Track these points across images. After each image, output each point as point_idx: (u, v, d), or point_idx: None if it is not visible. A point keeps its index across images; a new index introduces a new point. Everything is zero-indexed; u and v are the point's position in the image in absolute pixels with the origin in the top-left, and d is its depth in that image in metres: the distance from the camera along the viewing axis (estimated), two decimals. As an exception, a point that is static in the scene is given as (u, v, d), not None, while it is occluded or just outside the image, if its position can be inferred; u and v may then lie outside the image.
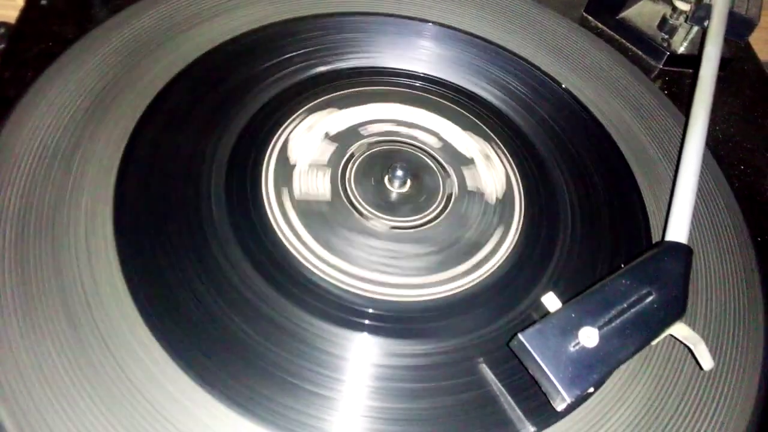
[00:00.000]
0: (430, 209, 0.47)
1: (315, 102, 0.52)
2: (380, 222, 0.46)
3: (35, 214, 0.40)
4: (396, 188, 0.48)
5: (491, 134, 0.53)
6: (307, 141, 0.49)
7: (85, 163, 0.43)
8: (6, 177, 0.41)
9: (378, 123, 0.52)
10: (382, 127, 0.52)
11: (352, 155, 0.49)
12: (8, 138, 0.43)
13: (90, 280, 0.38)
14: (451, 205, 0.48)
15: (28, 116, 0.44)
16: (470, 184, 0.49)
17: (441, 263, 0.44)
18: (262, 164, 0.47)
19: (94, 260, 0.39)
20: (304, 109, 0.51)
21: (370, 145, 0.50)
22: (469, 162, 0.51)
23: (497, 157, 0.51)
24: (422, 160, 0.50)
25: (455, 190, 0.49)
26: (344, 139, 0.50)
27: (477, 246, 0.46)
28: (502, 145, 0.53)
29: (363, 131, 0.51)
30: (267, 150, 0.48)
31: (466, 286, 0.44)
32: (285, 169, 0.47)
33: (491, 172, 0.50)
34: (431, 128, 0.53)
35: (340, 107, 0.52)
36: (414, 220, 0.46)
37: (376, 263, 0.43)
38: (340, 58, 0.56)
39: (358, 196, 0.47)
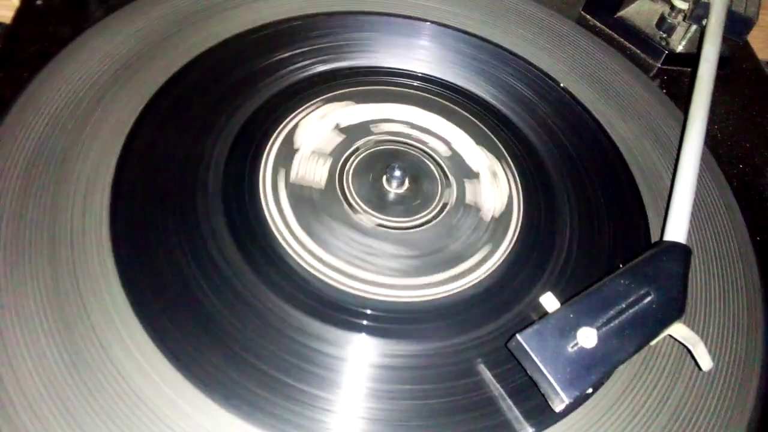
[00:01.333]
0: (422, 214, 0.47)
1: (333, 93, 0.52)
2: (367, 217, 0.46)
3: (31, 216, 0.39)
4: (392, 188, 0.47)
5: (504, 151, 0.52)
6: (317, 129, 0.49)
7: (83, 164, 0.43)
8: (1, 179, 0.41)
9: (391, 123, 0.52)
10: (395, 127, 0.52)
11: (357, 149, 0.49)
12: (3, 139, 0.42)
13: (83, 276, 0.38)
14: (443, 214, 0.47)
15: (24, 116, 0.44)
16: (469, 198, 0.49)
17: (416, 269, 0.44)
18: (267, 141, 0.48)
19: (88, 255, 0.39)
20: (321, 98, 0.52)
21: (378, 142, 0.50)
22: (474, 176, 0.50)
23: (504, 175, 0.51)
24: (426, 166, 0.50)
25: (452, 200, 0.48)
26: (354, 132, 0.50)
27: (459, 258, 0.45)
28: (509, 159, 0.52)
29: (374, 128, 0.51)
30: (276, 130, 0.48)
31: (467, 286, 0.43)
32: (288, 151, 0.48)
33: (494, 189, 0.50)
34: (444, 136, 0.52)
35: (358, 102, 0.52)
36: (402, 222, 0.46)
37: (352, 256, 0.43)
38: (359, 56, 0.56)
39: (352, 189, 0.47)
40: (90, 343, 0.35)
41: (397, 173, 0.47)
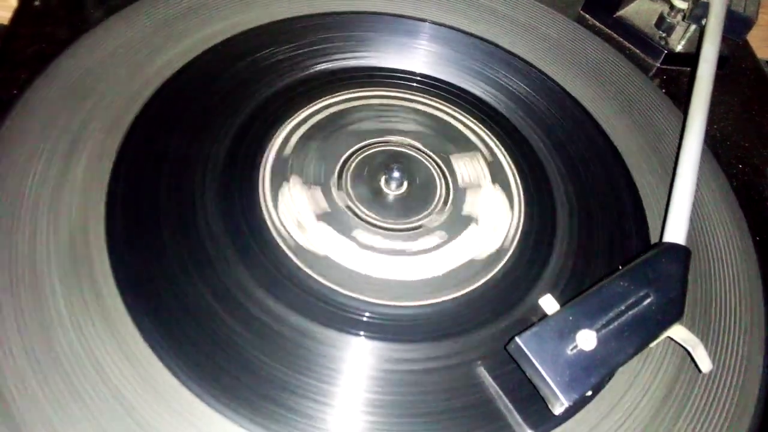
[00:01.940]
0: (428, 210, 0.47)
1: (322, 99, 0.52)
2: (376, 223, 0.45)
3: (27, 223, 0.39)
4: (392, 190, 0.47)
5: (490, 136, 0.53)
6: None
7: (80, 167, 0.43)
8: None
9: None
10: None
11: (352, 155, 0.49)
12: (2, 142, 0.42)
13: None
14: (451, 204, 0.48)
15: (22, 120, 0.44)
16: (467, 209, 0.49)
17: (438, 265, 0.44)
18: (261, 161, 0.47)
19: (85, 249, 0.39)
20: (307, 106, 0.51)
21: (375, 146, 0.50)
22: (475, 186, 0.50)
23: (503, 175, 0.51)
24: (423, 164, 0.50)
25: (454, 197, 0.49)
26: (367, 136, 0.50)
27: (477, 249, 0.46)
28: (500, 146, 0.52)
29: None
30: (267, 145, 0.48)
31: (466, 289, 0.43)
32: (283, 163, 0.47)
33: (494, 194, 0.50)
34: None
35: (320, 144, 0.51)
36: (409, 222, 0.46)
37: (371, 264, 0.43)
38: (355, 55, 0.56)
39: (353, 197, 0.47)
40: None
41: (396, 174, 0.47)
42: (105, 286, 0.38)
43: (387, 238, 0.45)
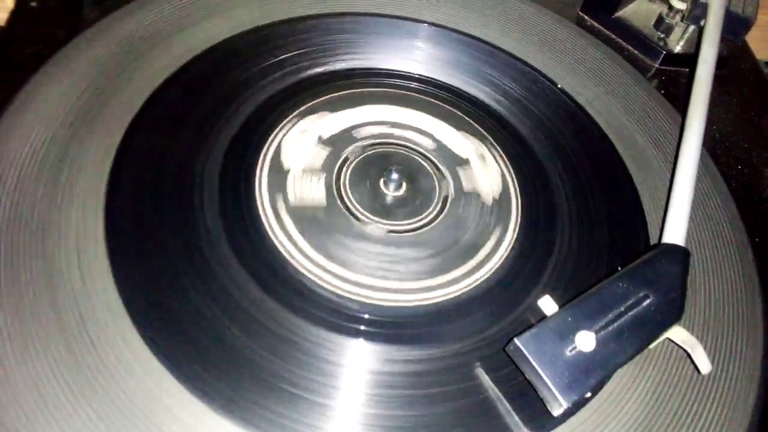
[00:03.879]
0: (427, 212, 0.47)
1: (307, 105, 0.51)
2: (377, 226, 0.45)
3: (25, 223, 0.39)
4: (392, 191, 0.47)
5: (485, 134, 0.53)
6: (301, 145, 0.49)
7: (77, 170, 0.43)
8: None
9: (372, 125, 0.51)
10: (376, 129, 0.51)
11: (346, 159, 0.49)
12: (-2, 142, 0.42)
13: (83, 295, 0.37)
14: (447, 206, 0.47)
15: (18, 121, 0.44)
16: (466, 186, 0.49)
17: (439, 266, 0.44)
18: (255, 171, 0.46)
19: (86, 270, 0.38)
20: (296, 113, 0.50)
21: (365, 147, 0.50)
22: (465, 162, 0.50)
23: (492, 157, 0.51)
24: (418, 162, 0.50)
25: (451, 191, 0.48)
26: (338, 142, 0.50)
27: (475, 247, 0.45)
28: (497, 145, 0.52)
29: (356, 134, 0.51)
30: (260, 156, 0.47)
31: (464, 290, 0.43)
32: (279, 175, 0.47)
33: (487, 172, 0.50)
34: (425, 130, 0.52)
35: (333, 110, 0.51)
36: (411, 224, 0.46)
37: (374, 268, 0.43)
38: (332, 60, 0.55)
39: (353, 201, 0.46)
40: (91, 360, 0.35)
41: (395, 176, 0.47)
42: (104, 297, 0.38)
43: (386, 239, 0.45)
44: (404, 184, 0.48)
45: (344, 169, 0.48)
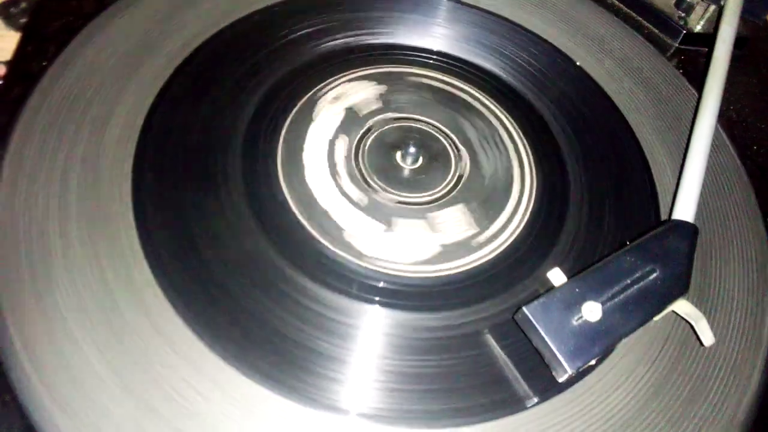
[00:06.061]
0: (440, 187, 0.48)
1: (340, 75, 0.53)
2: (391, 196, 0.47)
3: (52, 199, 0.41)
4: (408, 165, 0.49)
5: (503, 111, 0.54)
6: (331, 111, 0.50)
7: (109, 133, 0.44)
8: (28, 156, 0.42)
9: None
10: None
11: (369, 128, 0.50)
12: (30, 114, 0.44)
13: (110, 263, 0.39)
14: (461, 184, 0.49)
15: (51, 90, 0.45)
16: (483, 162, 0.50)
17: (450, 236, 0.45)
18: (278, 138, 0.48)
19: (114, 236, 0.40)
20: (336, 77, 0.52)
21: (387, 121, 0.51)
22: (484, 141, 0.52)
23: (507, 134, 0.52)
24: (440, 141, 0.51)
25: (467, 171, 0.50)
26: (364, 112, 0.51)
27: (490, 219, 0.47)
28: (513, 121, 0.53)
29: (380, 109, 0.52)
30: (284, 123, 0.49)
31: (476, 262, 0.45)
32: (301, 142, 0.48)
33: (502, 148, 0.51)
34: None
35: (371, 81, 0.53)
36: (423, 196, 0.47)
37: (385, 236, 0.45)
38: (373, 33, 0.57)
39: (370, 171, 0.48)
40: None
41: (412, 150, 0.48)
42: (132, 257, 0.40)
43: (402, 211, 0.46)
44: (420, 158, 0.49)
45: (365, 138, 0.50)
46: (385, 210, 0.46)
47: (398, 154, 0.49)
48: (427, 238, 0.45)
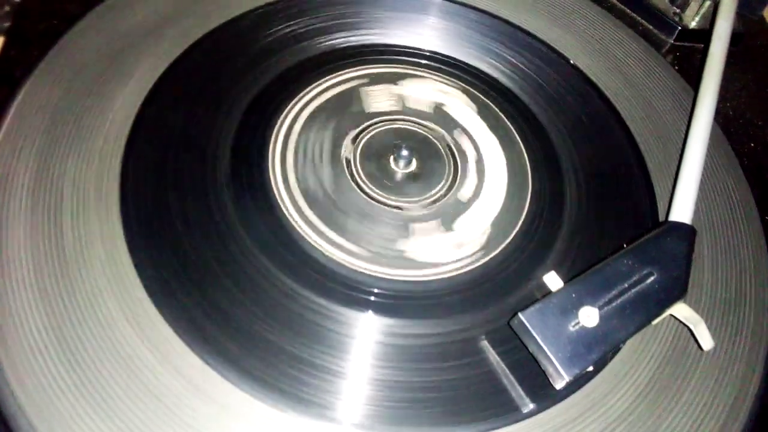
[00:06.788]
0: (437, 188, 0.48)
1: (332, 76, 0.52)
2: (384, 201, 0.46)
3: (45, 194, 0.40)
4: (401, 168, 0.48)
5: (498, 111, 0.53)
6: (323, 113, 0.50)
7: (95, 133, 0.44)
8: (12, 161, 0.41)
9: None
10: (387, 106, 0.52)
11: (362, 131, 0.49)
12: (15, 117, 0.43)
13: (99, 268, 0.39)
14: (456, 185, 0.48)
15: (35, 96, 0.44)
16: (477, 163, 0.50)
17: (445, 243, 0.45)
18: (270, 138, 0.47)
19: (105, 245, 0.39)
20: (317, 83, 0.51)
21: (381, 123, 0.50)
22: (480, 140, 0.51)
23: (503, 133, 0.51)
24: (433, 144, 0.50)
25: (461, 168, 0.49)
26: (357, 114, 0.50)
27: (484, 221, 0.46)
28: (507, 121, 0.52)
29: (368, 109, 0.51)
30: (276, 123, 0.48)
31: (471, 266, 0.44)
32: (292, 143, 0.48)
33: (498, 148, 0.50)
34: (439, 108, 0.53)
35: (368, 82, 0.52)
36: (420, 200, 0.47)
37: (378, 242, 0.44)
38: (334, 36, 0.55)
39: (362, 174, 0.47)
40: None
41: (405, 153, 0.47)
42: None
43: (395, 216, 0.45)
44: (413, 162, 0.48)
45: (358, 140, 0.49)
46: (381, 215, 0.45)
47: (391, 158, 0.48)
48: (420, 244, 0.44)
